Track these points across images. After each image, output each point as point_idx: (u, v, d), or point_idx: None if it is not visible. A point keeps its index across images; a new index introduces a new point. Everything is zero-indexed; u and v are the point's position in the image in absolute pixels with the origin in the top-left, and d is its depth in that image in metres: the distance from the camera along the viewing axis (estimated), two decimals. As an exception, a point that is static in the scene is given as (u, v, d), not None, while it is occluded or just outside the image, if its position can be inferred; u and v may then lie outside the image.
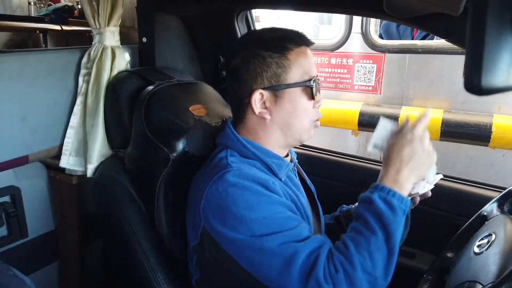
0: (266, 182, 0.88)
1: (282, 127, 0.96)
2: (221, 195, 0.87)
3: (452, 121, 2.55)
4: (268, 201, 0.87)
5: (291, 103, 0.94)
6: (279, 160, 0.98)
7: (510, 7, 0.44)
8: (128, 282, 1.14)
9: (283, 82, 0.92)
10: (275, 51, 0.92)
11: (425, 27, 1.05)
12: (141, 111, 1.12)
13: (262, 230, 0.84)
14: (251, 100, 0.93)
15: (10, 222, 1.26)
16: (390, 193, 0.84)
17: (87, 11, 1.25)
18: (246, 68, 0.93)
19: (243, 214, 0.85)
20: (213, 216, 0.89)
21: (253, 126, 0.98)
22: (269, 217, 0.85)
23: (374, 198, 0.84)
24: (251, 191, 0.86)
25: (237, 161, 0.93)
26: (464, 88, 0.46)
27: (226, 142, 0.98)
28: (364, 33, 2.90)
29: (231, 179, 0.87)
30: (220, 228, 0.88)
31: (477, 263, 0.77)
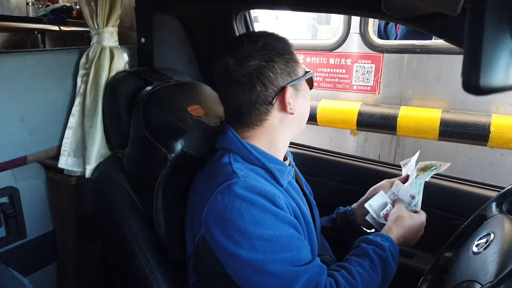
0: (273, 197, 0.88)
1: (300, 118, 1.01)
2: (227, 207, 0.86)
3: (451, 121, 2.55)
4: (273, 219, 0.87)
5: (305, 94, 1.00)
6: (281, 166, 0.98)
7: (508, 6, 0.44)
8: (127, 282, 1.14)
9: (298, 75, 0.97)
10: (286, 48, 0.96)
11: (423, 27, 1.05)
12: (139, 112, 1.12)
13: (264, 249, 0.84)
14: (285, 97, 0.93)
15: (8, 223, 1.26)
16: (395, 247, 1.00)
17: (86, 11, 1.25)
18: (270, 66, 0.92)
19: (248, 229, 0.84)
20: (215, 227, 0.88)
21: (273, 127, 0.97)
22: (273, 236, 0.85)
23: (386, 248, 0.97)
24: (257, 206, 0.86)
25: (242, 168, 0.92)
26: (462, 88, 0.46)
27: (228, 146, 0.97)
28: (363, 33, 2.90)
29: (238, 192, 0.86)
30: (221, 239, 0.87)
31: (476, 262, 0.77)
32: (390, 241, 0.99)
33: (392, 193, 1.18)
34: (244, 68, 0.91)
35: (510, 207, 0.94)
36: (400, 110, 2.75)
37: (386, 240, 0.99)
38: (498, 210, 0.93)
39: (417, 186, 1.16)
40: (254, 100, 0.93)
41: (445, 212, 1.21)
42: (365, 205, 1.16)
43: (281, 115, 0.96)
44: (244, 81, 0.91)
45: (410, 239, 1.07)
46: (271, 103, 0.93)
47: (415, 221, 1.07)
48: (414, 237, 1.07)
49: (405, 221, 1.06)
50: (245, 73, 0.91)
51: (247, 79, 0.91)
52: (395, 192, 1.18)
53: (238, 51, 0.93)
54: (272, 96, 0.93)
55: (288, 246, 0.86)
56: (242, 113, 0.95)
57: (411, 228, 1.06)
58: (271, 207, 0.87)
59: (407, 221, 1.06)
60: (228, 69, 0.93)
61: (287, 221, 0.89)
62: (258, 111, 0.94)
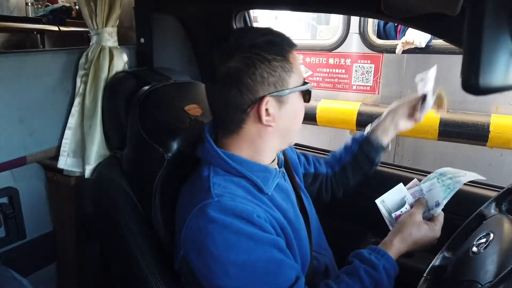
0: (250, 216, 0.81)
1: (283, 133, 0.91)
2: (201, 231, 0.82)
3: (450, 120, 2.55)
4: (249, 241, 0.80)
5: (293, 107, 0.89)
6: (265, 172, 0.91)
7: (507, 6, 0.44)
8: (126, 282, 1.14)
9: (287, 86, 0.86)
10: (278, 53, 0.84)
11: (422, 27, 1.05)
12: (136, 111, 1.12)
13: (239, 276, 0.80)
14: (260, 108, 0.84)
15: (8, 223, 1.26)
16: (393, 265, 0.92)
17: (85, 11, 1.25)
18: (251, 71, 0.82)
19: (221, 255, 0.79)
20: (192, 251, 0.85)
21: (250, 136, 0.89)
22: (248, 262, 0.80)
23: (380, 268, 0.89)
24: (231, 229, 0.80)
25: (221, 181, 0.87)
26: (461, 88, 0.46)
27: (207, 157, 0.92)
28: (362, 33, 2.91)
29: (211, 215, 0.80)
30: (197, 265, 0.84)
31: (475, 262, 0.77)
32: (386, 259, 0.91)
33: (420, 190, 1.04)
34: (223, 67, 0.83)
35: (509, 207, 0.94)
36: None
37: (381, 258, 0.91)
38: (497, 210, 0.93)
39: (447, 191, 1.01)
40: (228, 104, 0.85)
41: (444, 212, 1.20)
42: (376, 201, 1.04)
43: (258, 126, 0.87)
44: (220, 81, 0.84)
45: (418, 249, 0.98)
46: (245, 112, 0.85)
47: (426, 235, 0.96)
48: (421, 249, 0.98)
49: (412, 235, 0.95)
50: (223, 73, 0.83)
51: (222, 80, 0.84)
52: (424, 190, 1.03)
53: (223, 46, 0.85)
54: (248, 104, 0.84)
55: (265, 273, 0.81)
56: (218, 115, 0.91)
57: (418, 243, 0.96)
58: (247, 228, 0.80)
59: (414, 235, 0.95)
60: (210, 64, 0.86)
61: (266, 241, 0.82)
62: (233, 117, 0.87)
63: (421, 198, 1.03)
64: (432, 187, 1.02)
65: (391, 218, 1.03)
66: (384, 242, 0.97)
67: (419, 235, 0.96)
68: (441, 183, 1.02)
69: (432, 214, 1.01)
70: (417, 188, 1.04)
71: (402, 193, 1.03)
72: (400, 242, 0.95)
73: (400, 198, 1.03)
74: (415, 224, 0.97)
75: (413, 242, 0.95)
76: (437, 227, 0.98)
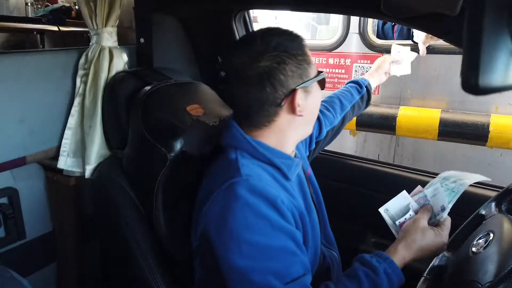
0: (275, 200, 0.86)
1: (308, 121, 1.00)
2: (225, 207, 0.86)
3: (450, 120, 2.55)
4: (268, 225, 0.84)
5: (315, 96, 0.98)
6: (288, 160, 0.97)
7: (507, 6, 0.44)
8: (126, 283, 1.14)
9: (310, 77, 0.95)
10: (299, 49, 0.93)
11: (422, 27, 1.05)
12: (138, 111, 1.12)
13: (250, 255, 0.82)
14: (294, 100, 0.91)
15: (7, 223, 1.26)
16: (396, 271, 0.89)
17: (85, 11, 1.25)
18: (281, 68, 0.90)
19: (238, 232, 0.83)
20: (212, 225, 0.89)
21: (281, 127, 0.96)
22: (262, 244, 0.83)
23: (380, 271, 0.88)
24: (253, 210, 0.84)
25: (249, 164, 0.92)
26: (461, 88, 0.46)
27: (234, 142, 0.96)
28: (362, 33, 2.90)
29: (238, 192, 0.85)
30: (215, 239, 0.88)
31: (475, 262, 0.77)
32: (388, 264, 0.89)
33: (424, 196, 1.01)
34: (255, 68, 0.89)
35: (509, 206, 0.94)
36: (399, 110, 2.75)
37: (383, 262, 0.89)
38: (497, 210, 0.93)
39: (452, 194, 0.98)
40: (263, 101, 0.91)
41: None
42: (380, 210, 1.02)
43: (289, 117, 0.95)
44: (254, 82, 0.90)
45: (425, 256, 0.94)
46: (280, 105, 0.92)
47: (432, 240, 0.93)
48: (430, 255, 0.94)
49: (416, 242, 0.93)
50: (256, 74, 0.89)
51: (257, 80, 0.90)
52: (428, 196, 1.01)
53: (250, 50, 0.91)
54: (282, 98, 0.91)
55: (276, 259, 0.83)
56: (251, 112, 0.94)
57: (425, 250, 0.93)
58: (268, 212, 0.84)
59: (419, 241, 0.93)
60: (239, 68, 0.91)
61: (284, 231, 0.86)
62: (267, 112, 0.93)
63: (426, 205, 1.01)
64: (436, 192, 1.00)
65: (395, 226, 1.01)
66: (388, 249, 0.95)
67: (424, 242, 0.93)
68: (444, 187, 1.00)
69: (438, 219, 0.98)
70: (421, 194, 1.02)
71: (406, 200, 1.02)
72: (404, 249, 0.93)
73: (404, 205, 1.01)
74: (419, 229, 0.94)
75: (419, 249, 0.93)
76: (444, 232, 0.95)
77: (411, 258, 0.92)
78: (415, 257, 0.93)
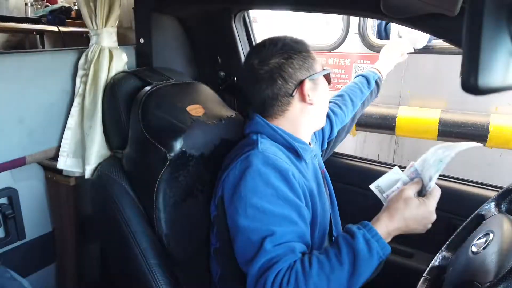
0: (286, 172, 0.96)
1: (318, 111, 1.12)
2: (239, 174, 0.97)
3: (450, 120, 2.55)
4: (274, 194, 0.93)
5: (323, 87, 1.11)
6: (304, 145, 1.09)
7: (506, 6, 0.44)
8: (126, 283, 1.14)
9: (315, 71, 1.08)
10: (303, 48, 1.08)
11: (422, 27, 1.05)
12: (138, 112, 1.12)
13: (254, 217, 0.92)
14: (303, 89, 1.05)
15: (7, 223, 1.26)
16: (376, 237, 0.88)
17: (84, 12, 1.25)
18: (289, 63, 1.04)
19: (246, 195, 0.93)
20: (227, 190, 0.99)
21: (294, 115, 1.08)
22: (266, 209, 0.92)
23: (357, 235, 0.87)
24: (263, 178, 0.94)
25: (267, 143, 1.03)
26: (461, 88, 0.46)
27: (256, 128, 1.08)
28: (362, 34, 2.91)
29: (253, 161, 0.96)
30: (228, 204, 0.98)
31: (475, 262, 0.77)
32: (368, 230, 0.88)
33: (415, 170, 1.00)
34: (266, 66, 1.05)
35: (509, 206, 0.94)
36: (399, 110, 2.75)
37: (363, 229, 0.89)
38: (497, 210, 0.93)
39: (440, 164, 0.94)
40: (277, 93, 1.06)
41: (444, 212, 1.20)
42: (370, 186, 1.04)
43: (301, 106, 1.08)
44: (267, 77, 1.05)
45: (412, 229, 0.93)
46: (291, 95, 1.06)
47: (415, 209, 0.91)
48: (418, 227, 0.93)
49: (399, 210, 0.92)
50: (268, 70, 1.04)
51: (269, 75, 1.05)
52: (418, 170, 0.99)
53: (261, 52, 1.07)
54: (292, 88, 1.05)
55: (276, 224, 0.91)
56: (266, 105, 1.08)
57: (408, 218, 0.91)
58: (277, 183, 0.94)
59: (401, 210, 0.92)
60: (253, 69, 1.06)
61: (288, 201, 0.94)
62: (281, 103, 1.07)
63: (417, 178, 1.00)
64: (425, 164, 0.97)
65: (384, 199, 1.00)
66: (373, 220, 0.94)
67: (407, 210, 0.91)
68: (432, 158, 0.96)
69: (427, 190, 0.95)
70: (412, 169, 1.00)
71: (397, 175, 1.01)
72: (386, 218, 0.92)
73: (395, 180, 1.00)
74: (402, 199, 0.93)
75: (402, 217, 0.91)
76: (430, 201, 0.93)
77: (395, 228, 0.91)
78: (399, 227, 0.91)
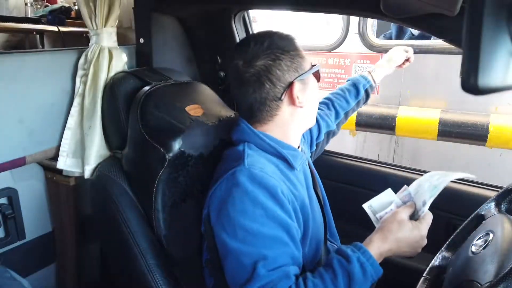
0: (274, 190, 0.90)
1: (308, 112, 1.05)
2: (226, 192, 0.92)
3: (449, 120, 2.55)
4: (263, 214, 0.88)
5: (312, 87, 1.04)
6: (294, 151, 1.03)
7: (506, 6, 0.44)
8: (126, 283, 1.14)
9: (304, 70, 1.00)
10: (291, 46, 1.00)
11: (421, 27, 1.05)
12: (137, 112, 1.12)
13: (244, 239, 0.87)
14: (292, 92, 0.98)
15: (7, 223, 1.26)
16: (370, 260, 0.88)
17: (84, 12, 1.25)
18: (277, 64, 0.96)
19: (235, 217, 0.88)
20: (213, 208, 0.94)
21: (284, 120, 1.02)
22: (256, 230, 0.87)
23: (352, 259, 0.87)
24: (251, 198, 0.88)
25: (254, 154, 0.97)
26: (461, 88, 0.46)
27: (243, 136, 1.02)
28: (362, 34, 2.91)
29: (239, 179, 0.90)
30: (215, 222, 0.93)
31: (475, 262, 0.77)
32: (362, 253, 0.88)
33: (408, 194, 1.01)
34: (252, 68, 0.96)
35: (509, 206, 0.94)
36: (399, 110, 2.76)
37: (357, 251, 0.89)
38: (497, 210, 0.93)
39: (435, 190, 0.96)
40: (264, 97, 0.98)
41: (444, 212, 1.20)
42: (364, 206, 1.04)
43: (291, 109, 1.01)
44: (253, 80, 0.97)
45: (403, 252, 0.94)
46: (280, 99, 0.98)
47: (408, 232, 0.93)
48: (408, 250, 0.94)
49: (392, 232, 0.92)
50: (254, 73, 0.97)
51: (256, 78, 0.97)
52: (412, 194, 1.01)
53: (246, 52, 0.98)
54: (281, 92, 0.98)
55: (267, 246, 0.86)
56: (254, 109, 1.01)
57: (401, 241, 0.92)
58: (266, 201, 0.88)
59: (395, 232, 0.92)
60: (238, 70, 0.98)
61: (278, 221, 0.89)
62: (269, 107, 0.99)
63: (410, 202, 1.01)
64: (419, 189, 0.99)
65: (376, 220, 1.01)
66: (365, 240, 0.95)
67: (400, 233, 0.92)
68: (427, 183, 0.98)
69: (420, 215, 0.97)
70: (406, 192, 1.02)
71: (390, 197, 1.02)
72: (380, 240, 0.92)
73: (388, 202, 1.01)
74: (395, 221, 0.94)
75: (394, 240, 0.92)
76: (422, 225, 0.94)
77: (388, 249, 0.91)
78: (392, 249, 0.92)
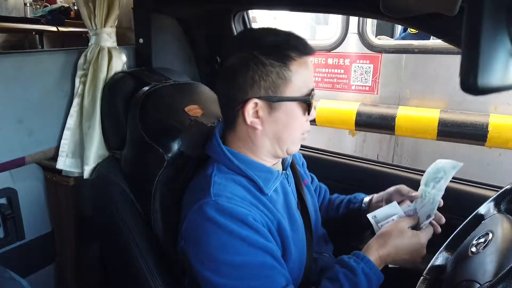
0: (245, 218, 0.83)
1: (272, 139, 0.90)
2: (198, 228, 0.85)
3: (449, 120, 2.56)
4: (243, 244, 0.82)
5: (286, 116, 0.87)
6: (266, 173, 0.92)
7: (505, 6, 0.44)
8: (126, 283, 1.14)
9: (281, 94, 0.85)
10: (277, 59, 0.83)
11: (421, 27, 1.05)
12: (136, 112, 1.12)
13: (230, 274, 0.82)
14: (244, 109, 0.85)
15: (6, 224, 1.25)
16: (373, 269, 0.88)
17: (84, 12, 1.25)
18: (243, 72, 0.84)
19: (214, 254, 0.82)
20: (189, 243, 0.88)
21: (243, 134, 0.91)
22: (241, 262, 0.82)
23: (358, 272, 0.87)
24: (225, 230, 0.81)
25: (222, 180, 0.89)
26: (460, 88, 0.46)
27: (213, 155, 0.94)
28: (361, 34, 2.91)
29: (208, 213, 0.83)
30: (192, 256, 0.87)
31: (474, 262, 0.77)
32: (366, 263, 0.88)
33: (414, 209, 1.03)
34: (225, 62, 0.88)
35: (508, 206, 0.94)
36: (399, 110, 2.76)
37: (360, 262, 0.89)
38: (496, 210, 0.93)
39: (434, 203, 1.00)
40: (224, 99, 0.92)
41: (443, 211, 1.20)
42: (368, 216, 1.05)
43: (247, 126, 0.89)
44: (222, 76, 0.89)
45: (403, 260, 0.93)
46: (234, 109, 0.88)
47: (408, 240, 0.92)
48: (408, 258, 0.93)
49: (391, 238, 0.92)
50: (224, 68, 0.88)
51: (223, 75, 0.89)
52: (417, 209, 1.03)
53: (229, 43, 0.91)
54: (238, 102, 0.86)
55: (256, 276, 0.82)
56: (223, 110, 0.95)
57: (400, 248, 0.92)
58: (241, 231, 0.82)
59: (394, 239, 0.92)
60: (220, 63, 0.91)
61: (259, 246, 0.83)
62: (228, 113, 0.92)
63: (414, 216, 1.02)
64: (423, 205, 1.02)
65: (378, 229, 1.02)
66: (365, 247, 0.94)
67: (399, 239, 0.92)
68: (428, 196, 1.02)
69: (421, 227, 1.00)
70: (412, 207, 1.04)
71: (395, 210, 1.03)
72: (379, 246, 0.92)
73: (392, 213, 1.03)
74: (396, 228, 0.94)
75: (394, 245, 0.92)
76: (422, 234, 0.95)
77: (387, 254, 0.91)
78: (391, 254, 0.92)
